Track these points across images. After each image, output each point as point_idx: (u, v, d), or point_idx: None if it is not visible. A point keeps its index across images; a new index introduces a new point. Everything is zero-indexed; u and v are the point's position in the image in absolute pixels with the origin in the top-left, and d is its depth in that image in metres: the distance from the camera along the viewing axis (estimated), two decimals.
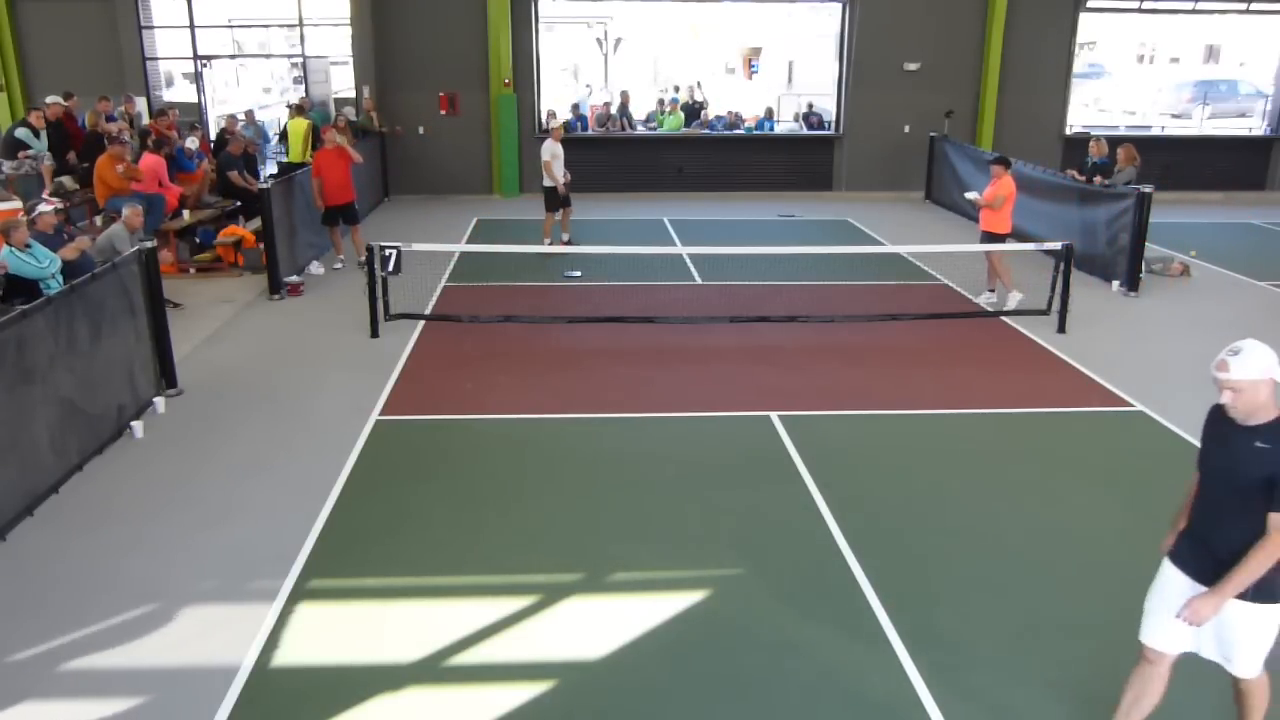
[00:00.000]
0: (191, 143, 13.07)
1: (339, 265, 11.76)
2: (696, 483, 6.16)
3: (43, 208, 8.58)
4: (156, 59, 17.03)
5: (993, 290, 10.37)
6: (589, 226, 14.16)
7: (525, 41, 16.90)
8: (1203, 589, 3.37)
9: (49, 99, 12.81)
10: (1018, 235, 12.77)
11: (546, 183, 12.42)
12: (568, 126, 17.53)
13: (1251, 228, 15.31)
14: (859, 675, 4.32)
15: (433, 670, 4.33)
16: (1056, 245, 9.51)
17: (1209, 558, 3.39)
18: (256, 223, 11.52)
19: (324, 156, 11.38)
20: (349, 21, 16.50)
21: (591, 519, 5.71)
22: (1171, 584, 3.53)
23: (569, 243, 12.81)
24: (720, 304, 10.26)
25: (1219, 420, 3.42)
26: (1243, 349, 3.24)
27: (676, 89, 20.91)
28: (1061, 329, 9.31)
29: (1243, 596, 3.30)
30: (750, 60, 30.77)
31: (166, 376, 7.56)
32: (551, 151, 12.32)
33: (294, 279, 10.76)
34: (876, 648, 4.48)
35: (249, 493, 6.00)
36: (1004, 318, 9.76)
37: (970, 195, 10.37)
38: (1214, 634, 3.47)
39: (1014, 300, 9.94)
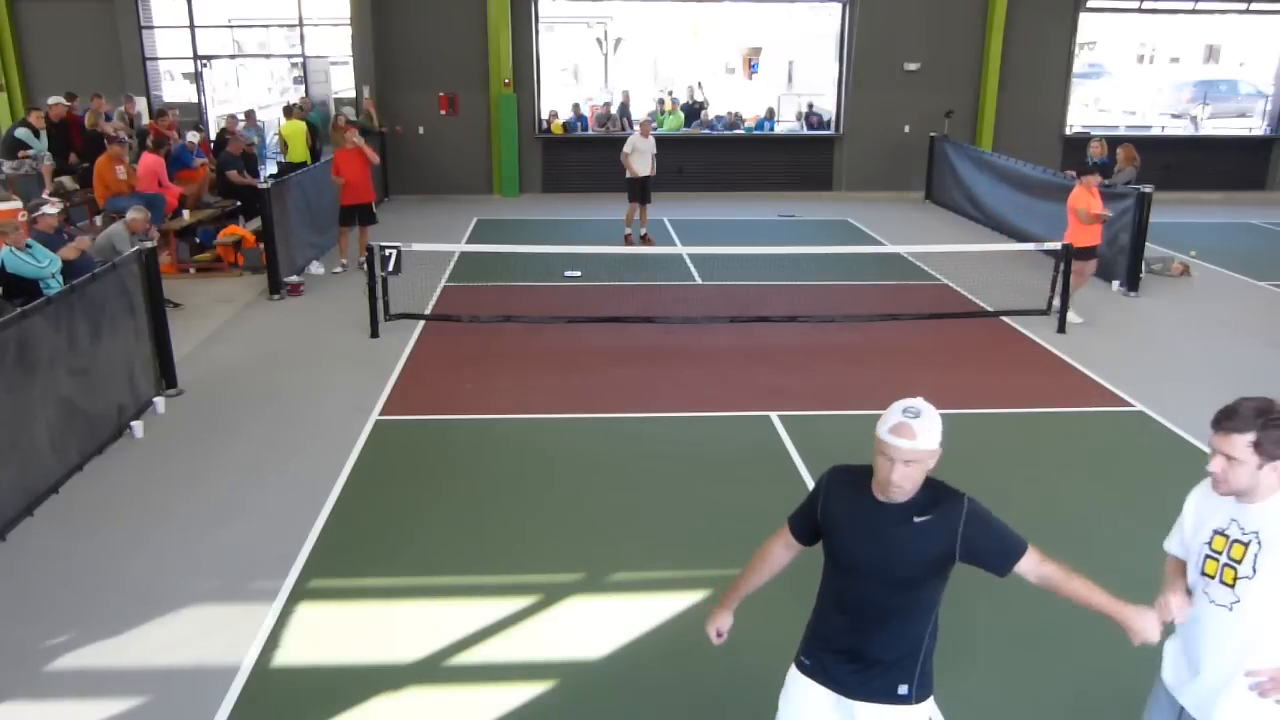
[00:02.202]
0: (193, 136, 13.09)
1: (339, 270, 11.72)
2: (697, 483, 6.16)
3: (46, 209, 8.58)
4: (156, 59, 17.03)
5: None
6: (589, 226, 14.17)
7: (525, 41, 16.91)
8: (854, 703, 2.75)
9: (51, 99, 12.82)
10: (1018, 235, 12.83)
11: (628, 174, 13.09)
12: (567, 126, 17.61)
13: (1251, 228, 15.32)
14: None
15: (433, 670, 4.33)
16: (1056, 245, 9.51)
17: (863, 666, 2.74)
18: (256, 223, 11.53)
19: (344, 156, 11.42)
20: (349, 21, 16.50)
21: (591, 519, 5.71)
22: (810, 706, 2.84)
23: (645, 238, 13.28)
24: (720, 304, 10.26)
25: (853, 503, 2.70)
26: (922, 411, 2.63)
27: (670, 93, 20.92)
28: (1061, 329, 9.31)
29: (904, 699, 2.73)
30: (750, 60, 30.78)
31: (166, 376, 7.56)
32: (632, 145, 13.02)
33: (294, 279, 10.76)
34: None
35: (249, 493, 6.00)
36: (1004, 318, 9.76)
37: (1099, 212, 9.64)
38: None
39: (1072, 317, 9.49)
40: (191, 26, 17.00)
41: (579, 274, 11.46)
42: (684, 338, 9.15)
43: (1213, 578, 2.65)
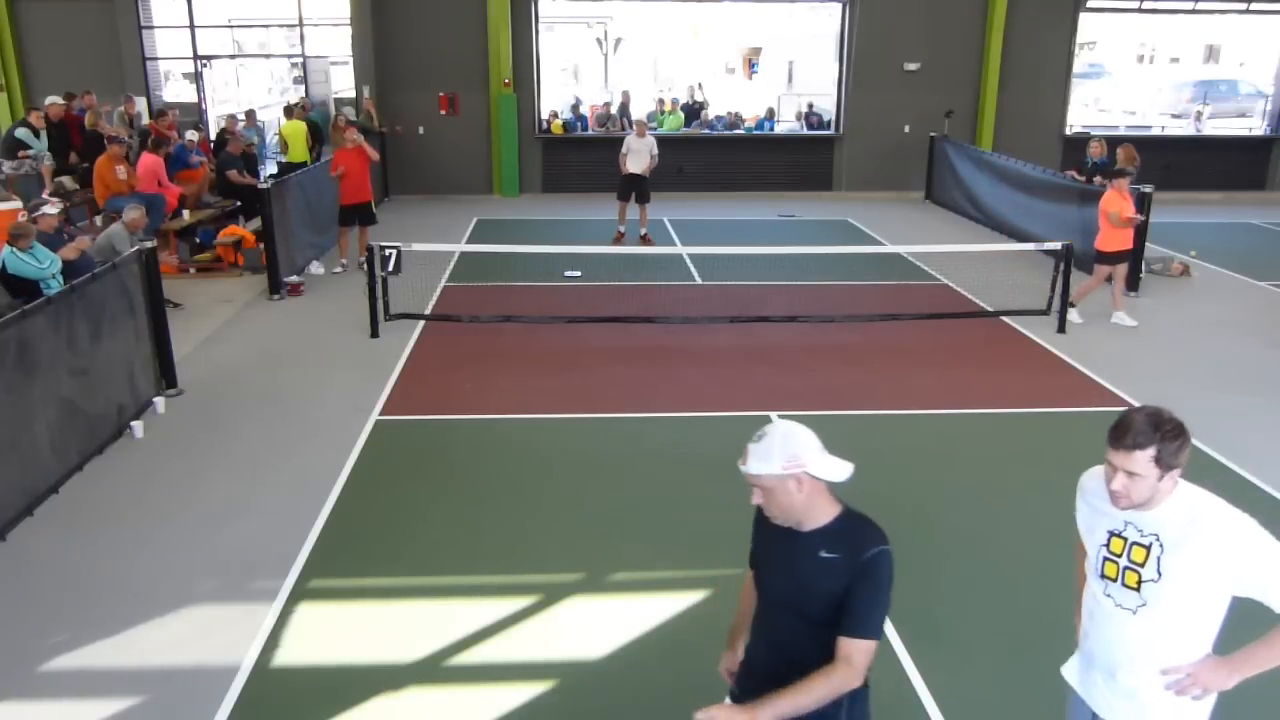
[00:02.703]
0: (192, 135, 13.09)
1: (339, 270, 11.72)
2: (697, 483, 6.16)
3: (47, 209, 8.59)
4: (156, 59, 17.03)
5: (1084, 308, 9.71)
6: (589, 226, 14.16)
7: (525, 41, 16.90)
8: None
9: (49, 99, 12.82)
10: (1018, 235, 12.83)
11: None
12: (567, 126, 17.62)
13: (1251, 228, 15.32)
14: None
15: (433, 670, 4.33)
16: (1056, 245, 9.51)
17: None
18: (256, 223, 11.53)
19: (344, 155, 11.45)
20: (349, 21, 16.50)
21: (591, 519, 5.71)
22: None
23: (645, 238, 13.29)
24: (720, 304, 10.26)
25: (774, 531, 2.58)
26: (766, 434, 2.48)
27: (668, 91, 20.92)
28: (1061, 329, 9.31)
29: None
30: (750, 60, 30.77)
31: (166, 376, 7.56)
32: (627, 145, 13.21)
33: (294, 279, 10.76)
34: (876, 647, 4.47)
35: (249, 493, 6.00)
36: (1004, 318, 9.75)
37: (1131, 215, 9.49)
38: None
39: (1074, 317, 9.56)
40: (191, 26, 17.00)
41: (579, 274, 11.46)
42: (684, 338, 9.14)
43: (1114, 580, 2.62)
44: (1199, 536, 2.45)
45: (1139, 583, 2.55)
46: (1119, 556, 2.61)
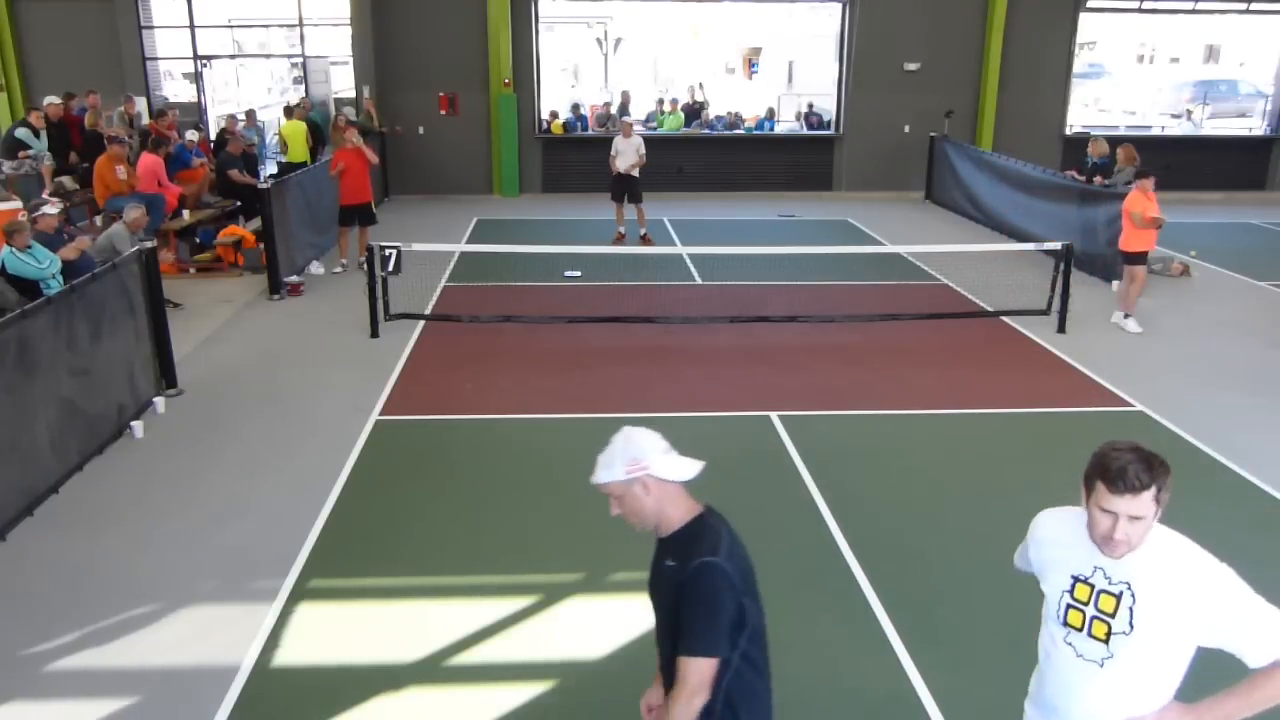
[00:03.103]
0: (192, 135, 13.09)
1: (339, 270, 11.72)
2: (696, 482, 6.13)
3: (46, 209, 8.59)
4: (156, 59, 17.03)
5: (1128, 316, 9.63)
6: (589, 226, 14.17)
7: (525, 41, 16.91)
8: None
9: (48, 99, 12.82)
10: (1018, 235, 12.83)
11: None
12: (567, 126, 17.62)
13: (1251, 228, 15.32)
14: (859, 675, 4.31)
15: (433, 670, 4.33)
16: (1056, 245, 9.51)
17: None
18: (256, 223, 11.53)
19: (344, 156, 11.48)
20: (349, 21, 16.51)
21: (591, 519, 5.68)
22: None
23: (645, 238, 13.30)
24: (720, 304, 10.26)
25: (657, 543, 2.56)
26: (611, 442, 2.49)
27: (668, 92, 20.93)
28: (1061, 329, 9.31)
29: None
30: (750, 60, 30.77)
31: (166, 376, 7.56)
32: (615, 147, 13.30)
33: (294, 279, 10.76)
34: (876, 647, 4.48)
35: (249, 493, 6.00)
36: (1004, 317, 9.75)
37: (1155, 216, 9.36)
38: None
39: (1130, 325, 9.45)
40: (191, 26, 17.00)
41: (579, 274, 11.45)
42: (684, 338, 9.14)
43: (1079, 629, 2.43)
44: (1174, 586, 2.30)
45: (1108, 634, 2.37)
46: (1085, 604, 2.41)
